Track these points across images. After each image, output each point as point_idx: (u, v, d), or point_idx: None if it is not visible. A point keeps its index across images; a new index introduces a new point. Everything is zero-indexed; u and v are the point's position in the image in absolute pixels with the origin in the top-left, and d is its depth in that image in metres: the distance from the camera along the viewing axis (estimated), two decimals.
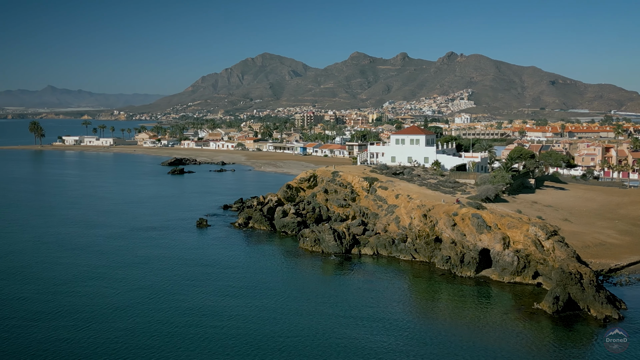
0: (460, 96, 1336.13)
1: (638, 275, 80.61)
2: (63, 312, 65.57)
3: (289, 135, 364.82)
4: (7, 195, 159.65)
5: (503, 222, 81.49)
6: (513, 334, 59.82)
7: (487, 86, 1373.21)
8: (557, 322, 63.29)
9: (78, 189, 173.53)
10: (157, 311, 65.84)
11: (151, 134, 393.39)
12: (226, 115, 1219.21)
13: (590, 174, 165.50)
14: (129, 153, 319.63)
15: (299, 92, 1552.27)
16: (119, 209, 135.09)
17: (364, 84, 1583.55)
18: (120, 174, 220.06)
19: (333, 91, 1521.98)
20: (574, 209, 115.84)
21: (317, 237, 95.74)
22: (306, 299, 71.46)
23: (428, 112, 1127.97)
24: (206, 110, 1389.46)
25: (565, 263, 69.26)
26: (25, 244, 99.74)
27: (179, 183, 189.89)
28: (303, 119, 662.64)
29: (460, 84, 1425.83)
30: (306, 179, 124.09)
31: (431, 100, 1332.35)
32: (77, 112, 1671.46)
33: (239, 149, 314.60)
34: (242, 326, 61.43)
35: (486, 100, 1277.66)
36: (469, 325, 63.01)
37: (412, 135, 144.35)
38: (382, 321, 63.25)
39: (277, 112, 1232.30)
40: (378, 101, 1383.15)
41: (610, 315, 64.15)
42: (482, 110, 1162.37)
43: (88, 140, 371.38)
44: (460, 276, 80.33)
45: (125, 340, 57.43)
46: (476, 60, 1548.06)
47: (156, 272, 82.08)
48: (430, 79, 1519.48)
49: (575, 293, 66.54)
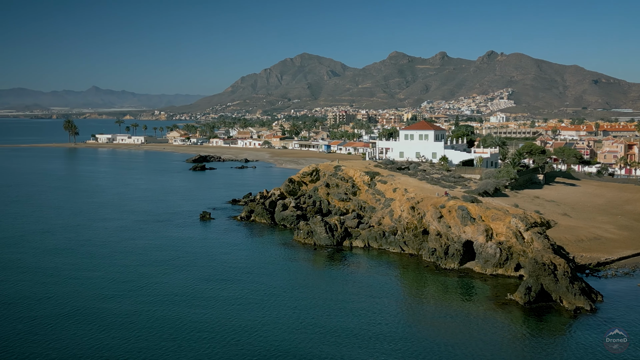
0: (499, 95, 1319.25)
1: (626, 269, 79.36)
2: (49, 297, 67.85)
3: (317, 134, 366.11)
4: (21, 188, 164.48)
5: (487, 215, 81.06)
6: (482, 324, 59.54)
7: (527, 85, 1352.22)
8: (527, 312, 62.93)
9: (97, 182, 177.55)
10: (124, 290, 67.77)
11: (182, 132, 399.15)
12: (264, 115, 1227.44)
13: (605, 170, 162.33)
14: (159, 151, 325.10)
15: (336, 92, 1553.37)
16: (130, 202, 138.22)
17: (402, 84, 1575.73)
18: (143, 170, 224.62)
19: (371, 91, 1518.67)
20: (578, 204, 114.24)
21: (310, 229, 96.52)
22: (288, 288, 72.28)
23: (467, 112, 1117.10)
24: (245, 110, 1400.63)
25: (540, 254, 68.69)
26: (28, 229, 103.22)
27: (197, 179, 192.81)
28: (335, 117, 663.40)
29: (500, 83, 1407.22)
30: (308, 173, 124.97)
31: (470, 99, 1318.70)
32: (120, 112, 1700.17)
33: (265, 146, 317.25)
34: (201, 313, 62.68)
35: (526, 99, 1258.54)
36: (440, 315, 62.96)
37: (421, 130, 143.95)
38: (356, 312, 63.50)
39: (314, 112, 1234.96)
40: (416, 101, 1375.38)
41: (582, 307, 63.52)
42: (522, 109, 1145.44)
43: (120, 138, 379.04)
44: (444, 268, 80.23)
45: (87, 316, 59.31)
46: (517, 59, 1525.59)
47: (137, 259, 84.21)
48: (470, 78, 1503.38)
49: (548, 284, 66.01)
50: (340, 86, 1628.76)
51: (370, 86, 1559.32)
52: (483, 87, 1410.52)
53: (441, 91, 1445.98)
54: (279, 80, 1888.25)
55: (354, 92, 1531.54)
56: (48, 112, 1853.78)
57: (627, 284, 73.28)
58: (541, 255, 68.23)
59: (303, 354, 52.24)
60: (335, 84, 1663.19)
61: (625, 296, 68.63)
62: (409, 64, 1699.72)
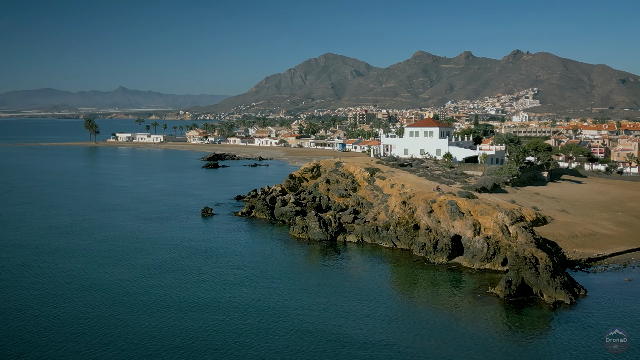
0: (525, 95, 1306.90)
1: (617, 265, 78.71)
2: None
3: (334, 133, 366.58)
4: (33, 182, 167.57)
5: (476, 209, 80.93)
6: (459, 317, 59.50)
7: (553, 85, 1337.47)
8: (506, 305, 62.87)
9: (106, 178, 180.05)
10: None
11: (201, 131, 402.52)
12: (287, 115, 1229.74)
13: (614, 168, 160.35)
14: (177, 149, 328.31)
15: (360, 92, 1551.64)
16: (137, 197, 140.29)
17: (426, 83, 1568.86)
18: (157, 167, 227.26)
19: (395, 91, 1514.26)
20: (579, 201, 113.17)
21: (305, 224, 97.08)
22: (272, 280, 73.00)
23: (491, 112, 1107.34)
24: (268, 110, 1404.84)
25: (521, 248, 68.46)
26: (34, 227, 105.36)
27: (208, 176, 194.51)
28: (356, 117, 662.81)
29: (525, 82, 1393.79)
30: (309, 170, 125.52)
31: (495, 99, 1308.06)
32: (146, 113, 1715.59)
33: (281, 145, 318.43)
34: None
35: (552, 99, 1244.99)
36: (419, 308, 63.05)
37: (426, 127, 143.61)
38: (338, 305, 63.89)
39: (337, 111, 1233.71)
40: (440, 100, 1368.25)
41: (563, 300, 63.24)
42: (548, 109, 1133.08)
43: (140, 137, 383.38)
44: (433, 263, 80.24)
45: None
46: (543, 59, 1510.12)
47: (131, 251, 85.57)
48: (495, 78, 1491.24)
49: (529, 277, 65.79)
50: (364, 86, 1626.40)
51: (394, 86, 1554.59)
52: (508, 87, 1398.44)
53: (466, 91, 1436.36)
54: (303, 80, 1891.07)
55: (378, 92, 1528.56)
56: (75, 112, 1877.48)
57: (615, 279, 72.72)
58: (523, 249, 68.00)
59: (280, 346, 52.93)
60: (359, 84, 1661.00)
61: (610, 291, 68.17)
62: (434, 63, 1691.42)
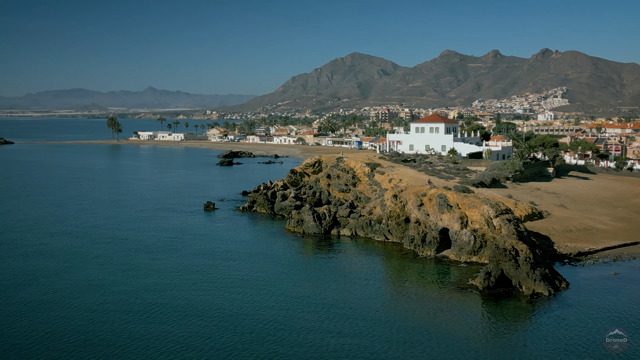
0: (553, 94, 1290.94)
1: (607, 259, 77.96)
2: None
3: (353, 131, 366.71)
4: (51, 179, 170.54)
5: (464, 202, 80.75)
6: (436, 308, 59.49)
7: (583, 84, 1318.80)
8: (484, 297, 62.74)
9: (125, 174, 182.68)
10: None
11: (221, 129, 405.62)
12: (313, 114, 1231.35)
13: (624, 164, 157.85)
14: (196, 147, 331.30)
15: (386, 91, 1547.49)
16: (145, 192, 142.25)
17: (453, 83, 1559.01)
18: (173, 164, 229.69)
19: (421, 90, 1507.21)
20: (580, 196, 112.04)
21: (300, 218, 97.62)
22: (258, 272, 73.74)
23: (519, 111, 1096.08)
24: (294, 110, 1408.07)
25: (502, 240, 68.20)
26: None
27: (220, 173, 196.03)
28: (378, 115, 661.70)
29: (554, 81, 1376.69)
30: (311, 165, 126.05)
31: (523, 98, 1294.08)
32: (174, 112, 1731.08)
33: (299, 143, 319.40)
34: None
35: (581, 98, 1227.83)
36: (399, 300, 63.01)
37: (432, 123, 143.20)
38: (321, 298, 64.48)
39: (362, 111, 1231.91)
40: (467, 100, 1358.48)
41: (541, 292, 62.96)
42: (576, 108, 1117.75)
43: (161, 135, 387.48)
44: (421, 256, 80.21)
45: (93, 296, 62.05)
46: (572, 57, 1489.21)
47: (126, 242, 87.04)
48: (523, 77, 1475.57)
49: (508, 269, 65.58)
50: (390, 85, 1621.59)
51: (421, 85, 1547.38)
52: (537, 86, 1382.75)
53: (493, 90, 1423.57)
54: (329, 79, 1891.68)
55: (404, 91, 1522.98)
56: (105, 112, 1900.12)
57: (601, 273, 72.07)
58: (503, 241, 67.74)
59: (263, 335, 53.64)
60: (385, 83, 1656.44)
61: (593, 283, 67.66)
62: (461, 62, 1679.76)
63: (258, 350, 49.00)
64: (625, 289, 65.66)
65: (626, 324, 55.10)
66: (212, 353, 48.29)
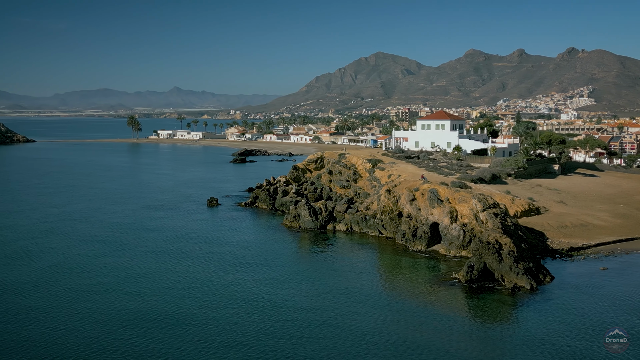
0: (579, 93, 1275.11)
1: (599, 255, 77.23)
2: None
3: (370, 130, 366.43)
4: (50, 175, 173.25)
5: (455, 197, 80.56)
6: (418, 302, 59.41)
7: (609, 83, 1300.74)
8: (466, 290, 62.66)
9: (138, 171, 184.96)
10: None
11: (240, 128, 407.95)
12: (336, 114, 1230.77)
13: (633, 162, 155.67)
14: (214, 145, 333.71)
15: (410, 91, 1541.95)
16: (153, 188, 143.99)
17: (477, 82, 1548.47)
18: (187, 162, 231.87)
19: (445, 89, 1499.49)
20: (582, 193, 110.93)
21: (297, 213, 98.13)
22: (248, 266, 74.42)
23: (544, 110, 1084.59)
24: (317, 110, 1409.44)
25: (486, 233, 68.01)
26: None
27: (232, 170, 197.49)
28: (398, 115, 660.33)
29: (580, 80, 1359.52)
30: (313, 161, 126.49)
31: (548, 97, 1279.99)
32: (198, 112, 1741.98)
33: (315, 142, 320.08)
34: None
35: (608, 97, 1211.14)
36: (384, 293, 62.88)
37: (438, 120, 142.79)
38: (307, 291, 64.99)
39: (385, 110, 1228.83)
40: (492, 99, 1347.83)
41: (523, 286, 62.74)
42: (603, 107, 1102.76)
43: (180, 134, 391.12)
44: (412, 250, 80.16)
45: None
46: (599, 56, 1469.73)
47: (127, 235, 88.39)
48: (549, 76, 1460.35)
49: (491, 263, 65.45)
50: (414, 85, 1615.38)
51: (445, 84, 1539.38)
52: (562, 85, 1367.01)
53: (518, 89, 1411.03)
54: (353, 79, 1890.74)
55: (428, 90, 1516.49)
56: (131, 112, 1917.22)
57: (590, 267, 71.48)
58: (487, 235, 67.56)
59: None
60: (409, 83, 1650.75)
61: (579, 277, 67.24)
62: (486, 61, 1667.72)
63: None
64: (609, 283, 65.04)
65: (601, 317, 54.73)
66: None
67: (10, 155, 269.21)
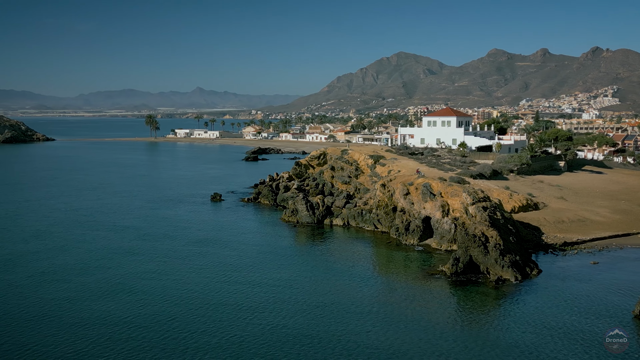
0: (604, 93, 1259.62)
1: (592, 250, 76.73)
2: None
3: (386, 128, 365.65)
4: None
5: (447, 191, 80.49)
6: (401, 295, 59.41)
7: (634, 82, 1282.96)
8: (450, 283, 62.65)
9: (148, 169, 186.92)
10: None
11: (256, 127, 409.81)
12: (357, 114, 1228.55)
13: None
14: (230, 144, 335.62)
15: (431, 91, 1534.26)
16: (160, 185, 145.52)
17: (500, 82, 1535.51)
18: (201, 160, 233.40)
19: (467, 89, 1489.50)
20: (585, 189, 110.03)
21: (295, 207, 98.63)
22: (242, 261, 75.09)
23: (567, 110, 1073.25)
24: (339, 110, 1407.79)
25: (472, 226, 67.92)
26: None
27: (243, 167, 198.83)
28: (416, 114, 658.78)
29: (605, 80, 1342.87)
30: (316, 157, 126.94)
31: (572, 97, 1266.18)
32: (220, 112, 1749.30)
33: (330, 140, 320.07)
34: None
35: (633, 97, 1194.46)
36: (369, 286, 62.91)
37: (444, 117, 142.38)
38: (295, 284, 65.51)
39: (406, 110, 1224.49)
40: (514, 99, 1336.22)
41: (508, 279, 62.62)
42: (627, 107, 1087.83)
43: (197, 133, 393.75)
44: (405, 244, 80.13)
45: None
46: (623, 55, 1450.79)
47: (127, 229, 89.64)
48: (572, 76, 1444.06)
49: (477, 255, 65.40)
50: (436, 84, 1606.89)
51: (467, 84, 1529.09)
52: (586, 85, 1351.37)
53: (541, 89, 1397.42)
54: (374, 79, 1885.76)
55: (450, 90, 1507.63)
56: (154, 112, 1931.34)
57: (580, 262, 71.11)
58: (474, 227, 67.47)
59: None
60: (431, 82, 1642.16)
61: (567, 271, 66.96)
62: (508, 61, 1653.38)
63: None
64: (597, 277, 64.65)
65: (583, 309, 54.49)
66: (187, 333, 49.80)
67: (26, 153, 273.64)
